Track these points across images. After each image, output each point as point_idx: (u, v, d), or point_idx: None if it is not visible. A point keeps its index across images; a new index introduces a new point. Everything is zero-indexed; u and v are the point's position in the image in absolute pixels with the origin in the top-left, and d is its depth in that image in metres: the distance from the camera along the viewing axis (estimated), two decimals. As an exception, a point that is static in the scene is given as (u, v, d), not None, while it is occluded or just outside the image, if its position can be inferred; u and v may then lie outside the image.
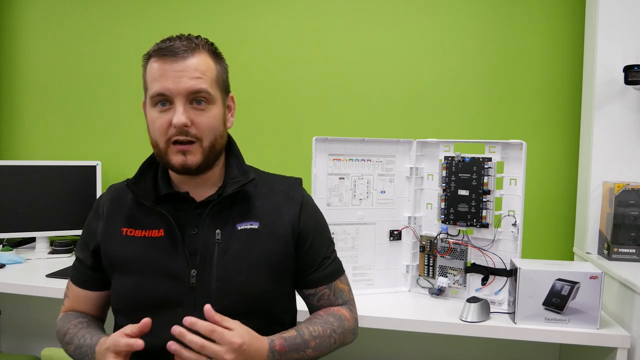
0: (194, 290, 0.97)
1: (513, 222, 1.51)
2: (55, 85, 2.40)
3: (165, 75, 0.94)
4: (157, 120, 0.96)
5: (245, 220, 1.02)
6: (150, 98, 0.97)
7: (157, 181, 1.05)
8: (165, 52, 0.95)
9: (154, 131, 0.98)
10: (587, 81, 1.81)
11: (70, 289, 1.12)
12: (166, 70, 0.94)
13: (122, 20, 2.31)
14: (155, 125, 0.97)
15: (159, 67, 0.95)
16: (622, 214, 1.61)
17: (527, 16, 1.97)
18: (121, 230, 1.02)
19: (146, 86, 0.99)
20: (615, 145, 1.70)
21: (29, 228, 2.11)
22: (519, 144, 1.51)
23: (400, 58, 2.08)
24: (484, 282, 1.55)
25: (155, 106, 0.97)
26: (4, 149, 2.47)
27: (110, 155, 2.32)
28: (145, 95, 1.00)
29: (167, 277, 0.98)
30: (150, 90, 0.97)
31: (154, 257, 0.99)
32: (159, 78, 0.95)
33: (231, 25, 2.20)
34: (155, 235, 1.00)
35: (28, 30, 2.42)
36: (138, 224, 1.02)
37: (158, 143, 0.98)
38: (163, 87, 0.94)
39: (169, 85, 0.94)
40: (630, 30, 1.67)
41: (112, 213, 1.05)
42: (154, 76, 0.96)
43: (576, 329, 1.34)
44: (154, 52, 0.97)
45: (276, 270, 1.03)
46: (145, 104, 1.01)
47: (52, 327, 2.23)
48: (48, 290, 1.66)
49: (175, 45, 0.95)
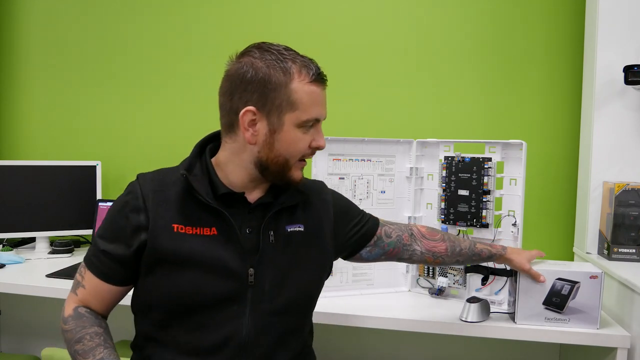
0: (251, 288, 0.99)
1: (513, 222, 1.51)
2: (55, 85, 2.40)
3: (324, 102, 1.00)
4: (302, 141, 0.99)
5: (293, 223, 1.06)
6: (304, 120, 0.98)
7: (210, 179, 1.03)
8: (323, 79, 1.00)
9: (290, 149, 0.99)
10: (587, 81, 1.81)
11: (88, 280, 1.04)
12: (324, 97, 1.00)
13: (123, 20, 2.31)
14: (298, 145, 0.99)
15: (321, 93, 0.99)
16: (622, 214, 1.61)
17: (527, 16, 1.97)
18: (172, 227, 0.98)
19: (294, 105, 0.96)
20: (615, 145, 1.70)
21: (29, 228, 2.11)
22: (519, 144, 1.51)
23: (400, 58, 2.08)
24: (484, 282, 1.55)
25: (300, 127, 0.98)
26: (4, 149, 2.47)
27: (110, 155, 2.32)
28: (281, 112, 0.96)
29: (226, 275, 0.99)
30: (307, 114, 0.97)
31: (212, 255, 0.99)
32: (319, 104, 0.99)
33: (231, 25, 2.20)
34: (207, 233, 0.99)
35: (28, 30, 2.42)
36: (188, 221, 0.99)
37: (289, 160, 1.00)
38: (322, 115, 1.00)
39: (324, 113, 1.01)
40: (630, 30, 1.67)
41: (158, 207, 0.99)
42: (315, 100, 0.98)
43: (576, 329, 1.34)
44: (316, 77, 0.98)
45: (321, 271, 1.10)
46: (268, 119, 0.97)
47: (52, 327, 2.25)
48: (48, 290, 1.66)
49: (323, 73, 1.00)
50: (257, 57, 0.96)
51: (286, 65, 0.96)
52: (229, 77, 0.99)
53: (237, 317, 0.98)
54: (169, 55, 2.26)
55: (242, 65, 0.96)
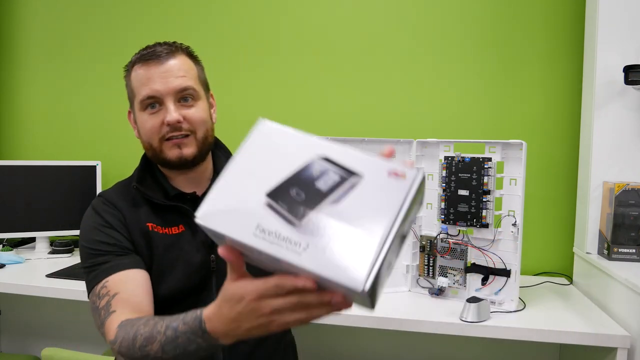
0: (214, 274, 1.05)
1: (513, 222, 1.51)
2: (55, 85, 2.40)
3: (151, 78, 1.01)
4: (149, 122, 1.02)
5: None
6: (140, 102, 1.02)
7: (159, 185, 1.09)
8: (149, 57, 1.01)
9: (146, 133, 1.04)
10: (587, 81, 1.81)
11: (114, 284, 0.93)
12: (152, 74, 1.01)
13: (123, 20, 2.31)
14: (146, 127, 1.03)
15: (145, 72, 1.01)
16: (622, 214, 1.61)
17: (527, 16, 1.97)
18: (147, 225, 1.04)
19: (133, 93, 1.05)
20: (615, 145, 1.70)
21: (29, 228, 2.11)
22: (519, 144, 1.51)
23: (400, 57, 2.08)
24: (484, 282, 1.55)
25: (144, 110, 1.02)
26: (4, 149, 2.47)
27: (110, 155, 2.32)
28: (132, 103, 1.07)
29: (195, 267, 1.04)
30: (139, 95, 1.02)
31: (183, 251, 1.04)
32: (146, 82, 1.01)
33: (231, 25, 2.20)
34: (175, 232, 1.05)
35: (29, 30, 2.42)
36: (158, 221, 1.05)
37: (152, 143, 1.03)
38: (152, 90, 1.00)
39: (157, 87, 1.00)
40: (630, 30, 1.67)
41: (129, 211, 1.05)
42: (141, 81, 1.02)
43: (574, 329, 1.34)
44: (137, 60, 1.04)
45: None
46: (132, 113, 1.08)
47: (52, 327, 2.25)
48: (48, 290, 1.66)
49: (157, 50, 1.02)
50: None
51: (130, 61, 1.06)
52: None
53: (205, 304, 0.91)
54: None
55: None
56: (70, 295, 1.64)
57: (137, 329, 0.82)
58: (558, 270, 1.94)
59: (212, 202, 0.57)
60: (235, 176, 0.58)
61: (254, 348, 1.08)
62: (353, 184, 0.57)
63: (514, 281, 1.50)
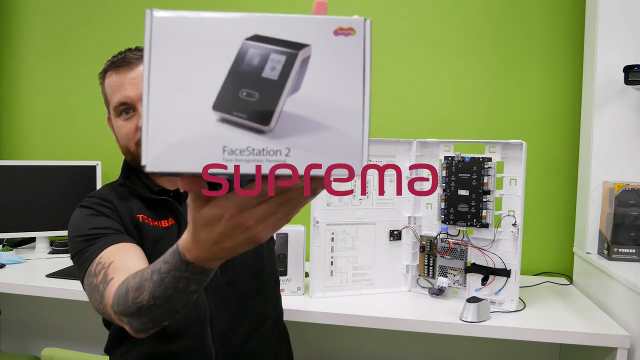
0: None
1: (513, 222, 1.51)
2: (55, 85, 2.40)
3: (123, 85, 1.03)
4: (124, 128, 1.04)
5: None
6: (114, 109, 1.05)
7: (143, 183, 1.12)
8: (120, 64, 1.03)
9: (122, 138, 1.06)
10: (587, 81, 1.81)
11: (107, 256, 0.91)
12: (123, 80, 1.03)
13: (123, 20, 2.31)
14: (122, 132, 1.05)
15: (117, 78, 1.03)
16: (622, 214, 1.61)
17: (527, 16, 1.97)
18: (137, 217, 1.06)
19: (108, 100, 1.07)
20: (615, 145, 1.70)
21: (29, 228, 2.11)
22: (519, 144, 1.51)
23: (400, 57, 2.08)
24: (484, 282, 1.55)
25: (119, 116, 1.05)
26: (4, 149, 2.47)
27: (110, 155, 2.31)
28: (109, 109, 1.08)
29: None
30: (113, 102, 1.04)
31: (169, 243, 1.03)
32: (118, 89, 1.03)
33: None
34: (165, 225, 1.07)
35: (28, 30, 2.42)
36: (148, 214, 1.08)
37: (129, 148, 1.06)
38: (124, 96, 1.02)
39: (129, 93, 1.02)
40: (630, 30, 1.67)
41: (120, 204, 1.07)
42: (113, 88, 1.04)
43: (574, 329, 1.34)
44: (109, 66, 1.06)
45: None
46: (110, 119, 1.10)
47: (52, 327, 2.25)
48: (48, 290, 1.66)
49: (127, 56, 1.04)
50: None
51: (102, 69, 1.08)
52: None
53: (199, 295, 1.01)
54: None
55: None
56: (70, 295, 1.64)
57: (127, 282, 0.78)
58: (558, 270, 1.95)
59: (154, 140, 0.44)
60: (161, 99, 0.44)
61: (245, 340, 1.08)
62: (304, 59, 0.46)
63: (514, 281, 1.51)
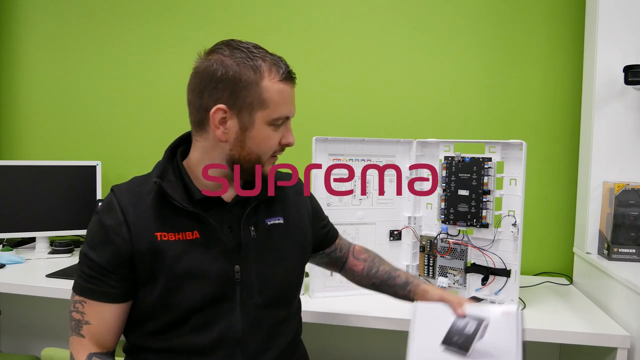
0: (239, 285, 1.01)
1: (513, 222, 1.51)
2: (55, 85, 2.40)
3: (293, 100, 1.01)
4: (273, 139, 1.00)
5: (272, 216, 1.09)
6: (274, 118, 0.98)
7: (184, 184, 1.03)
8: (290, 77, 0.99)
9: (262, 146, 0.99)
10: (587, 81, 1.81)
11: (90, 309, 0.98)
12: (293, 95, 1.01)
13: (123, 20, 2.31)
14: (269, 142, 1.00)
15: (289, 91, 0.99)
16: (622, 214, 1.61)
17: (527, 16, 1.97)
18: (155, 236, 0.98)
19: (264, 104, 0.96)
20: (615, 145, 1.70)
21: (29, 228, 2.11)
22: (519, 144, 1.51)
23: (400, 58, 2.08)
24: (484, 282, 1.55)
25: (270, 125, 0.98)
26: (4, 149, 2.47)
27: (110, 155, 2.32)
28: (252, 110, 0.96)
29: (214, 276, 0.99)
30: (277, 112, 0.98)
31: (197, 258, 0.99)
32: (289, 102, 0.99)
33: (232, 25, 2.20)
34: (189, 237, 0.99)
35: (28, 30, 2.42)
36: (170, 227, 0.99)
37: (262, 156, 1.00)
38: (291, 112, 1.01)
39: (294, 110, 1.02)
40: (630, 30, 1.67)
41: (138, 219, 0.98)
42: (285, 99, 0.98)
43: (574, 329, 1.34)
44: (286, 74, 0.98)
45: (303, 259, 1.16)
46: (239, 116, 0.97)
47: (52, 327, 2.25)
48: (48, 290, 1.66)
49: (292, 71, 1.00)
50: (227, 55, 0.95)
51: (256, 63, 0.95)
52: (197, 74, 0.98)
53: (228, 315, 1.00)
54: (170, 56, 2.26)
55: (211, 63, 0.95)
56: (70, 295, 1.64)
57: None
58: (558, 270, 1.95)
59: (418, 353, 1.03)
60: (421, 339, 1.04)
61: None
62: (486, 325, 1.03)
63: (514, 281, 1.51)
